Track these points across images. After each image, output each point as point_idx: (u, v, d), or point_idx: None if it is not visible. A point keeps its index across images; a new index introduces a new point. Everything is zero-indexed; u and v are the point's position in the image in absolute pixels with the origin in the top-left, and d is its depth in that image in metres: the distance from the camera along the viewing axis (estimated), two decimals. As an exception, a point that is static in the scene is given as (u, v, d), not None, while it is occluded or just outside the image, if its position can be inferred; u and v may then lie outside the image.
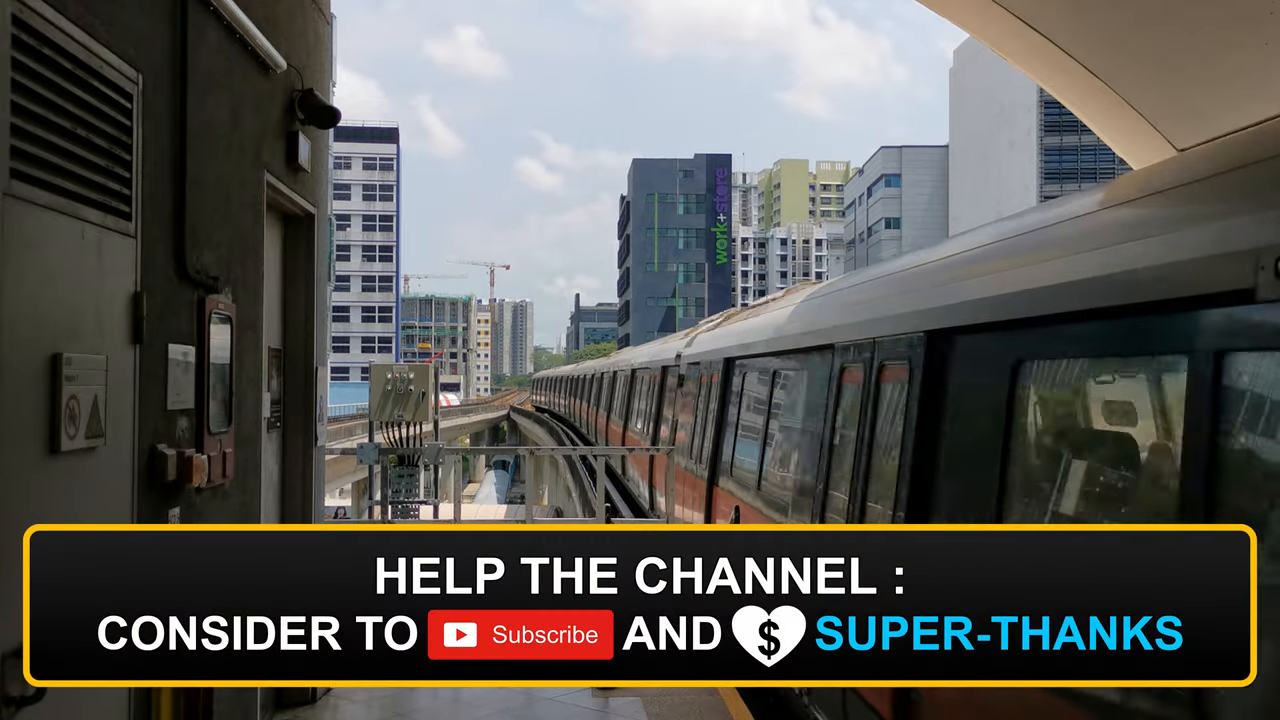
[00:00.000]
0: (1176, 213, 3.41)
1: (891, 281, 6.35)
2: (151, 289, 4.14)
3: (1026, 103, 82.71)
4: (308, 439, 6.86)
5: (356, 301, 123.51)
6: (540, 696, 6.92)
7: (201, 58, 4.71)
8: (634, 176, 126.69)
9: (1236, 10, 7.30)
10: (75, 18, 3.49)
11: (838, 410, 6.36)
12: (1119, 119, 9.39)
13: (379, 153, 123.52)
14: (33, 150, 3.22)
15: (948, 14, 10.19)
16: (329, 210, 7.80)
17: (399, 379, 10.96)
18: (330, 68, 7.51)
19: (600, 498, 11.49)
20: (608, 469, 14.75)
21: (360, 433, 31.41)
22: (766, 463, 8.38)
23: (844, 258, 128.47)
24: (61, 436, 3.36)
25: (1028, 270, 4.14)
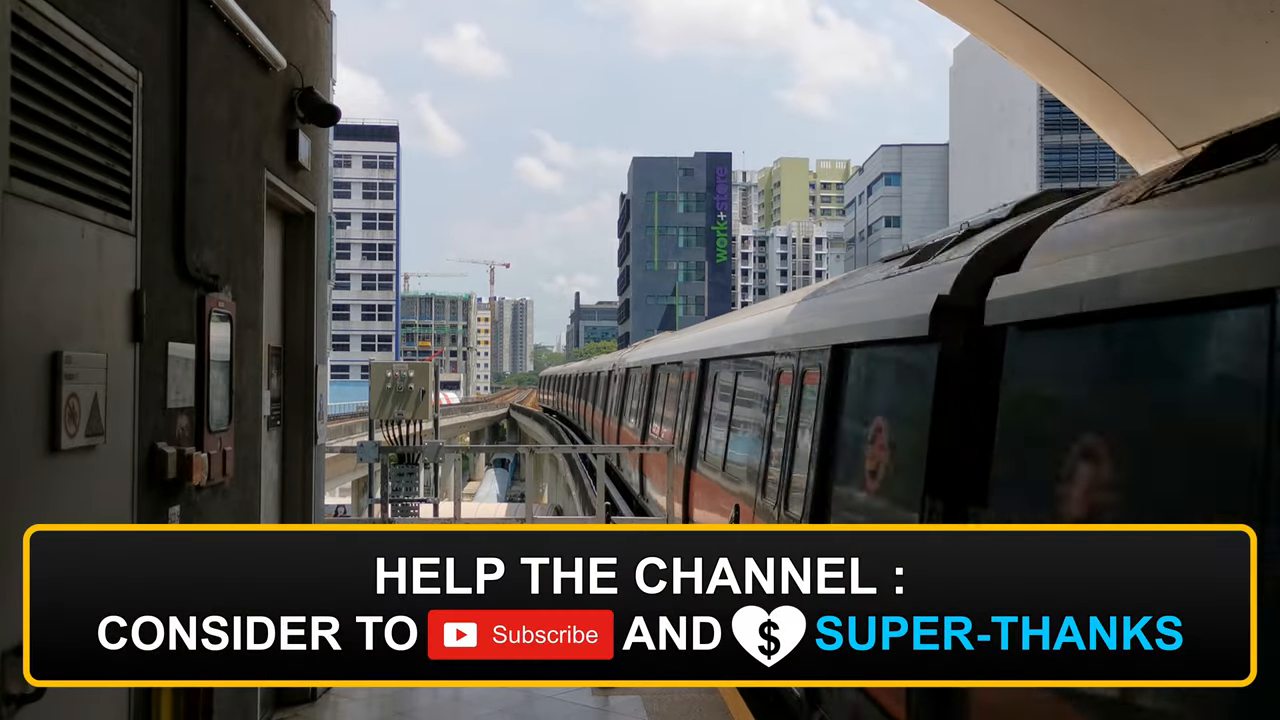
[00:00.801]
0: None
1: (814, 306, 8.11)
2: (151, 287, 4.13)
3: (1027, 101, 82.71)
4: (308, 437, 6.86)
5: (356, 300, 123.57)
6: (540, 695, 6.93)
7: (201, 56, 4.70)
8: (634, 175, 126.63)
9: (1236, 8, 7.29)
10: (75, 16, 3.49)
11: (776, 404, 7.88)
12: (1118, 117, 9.39)
13: (379, 151, 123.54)
14: (33, 148, 3.22)
15: (948, 12, 10.19)
16: (329, 208, 7.80)
17: (399, 377, 10.95)
18: (330, 66, 7.50)
19: (600, 496, 11.49)
20: (607, 467, 14.78)
21: (360, 431, 31.42)
22: (729, 448, 9.87)
23: (844, 256, 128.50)
24: (61, 435, 3.36)
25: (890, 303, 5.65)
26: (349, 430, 35.94)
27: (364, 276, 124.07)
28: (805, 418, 6.85)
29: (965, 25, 10.78)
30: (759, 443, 8.29)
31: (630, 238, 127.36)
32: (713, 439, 10.97)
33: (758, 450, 8.31)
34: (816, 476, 6.32)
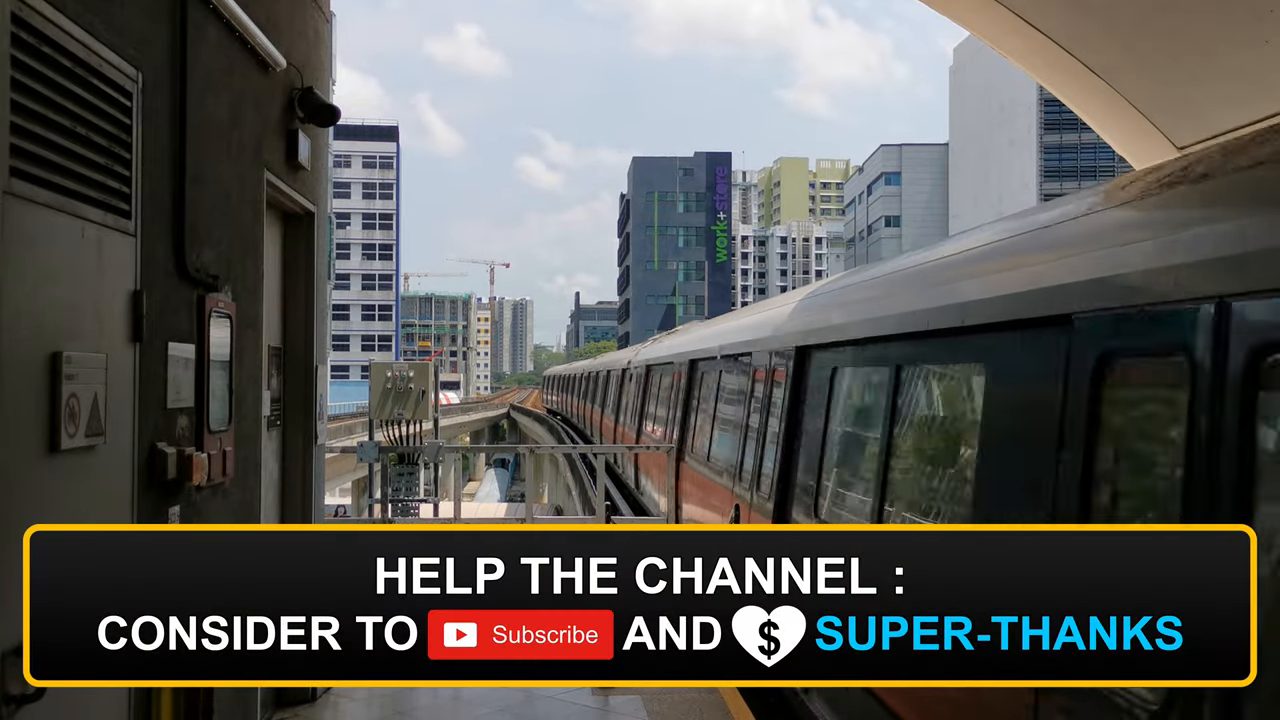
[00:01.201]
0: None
1: (781, 314, 8.92)
2: (151, 287, 4.13)
3: (1026, 101, 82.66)
4: (308, 437, 6.85)
5: (356, 300, 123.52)
6: (540, 694, 6.92)
7: (201, 56, 4.70)
8: (634, 174, 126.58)
9: (1236, 8, 7.29)
10: (75, 16, 3.48)
11: (752, 398, 8.85)
12: (1119, 117, 9.39)
13: (379, 151, 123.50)
14: (32, 149, 3.21)
15: (948, 12, 10.18)
16: (329, 208, 7.80)
17: (399, 377, 10.94)
18: (330, 66, 7.50)
19: (600, 495, 11.50)
20: (606, 467, 14.75)
21: (360, 431, 31.41)
22: (714, 438, 10.70)
23: (844, 256, 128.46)
24: (61, 435, 3.36)
25: (846, 309, 6.92)
26: (349, 430, 35.92)
27: (364, 276, 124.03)
28: (776, 406, 8.20)
29: (965, 25, 10.78)
30: (740, 426, 9.44)
31: (630, 237, 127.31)
32: (700, 432, 11.52)
33: (738, 435, 9.42)
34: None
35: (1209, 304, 2.79)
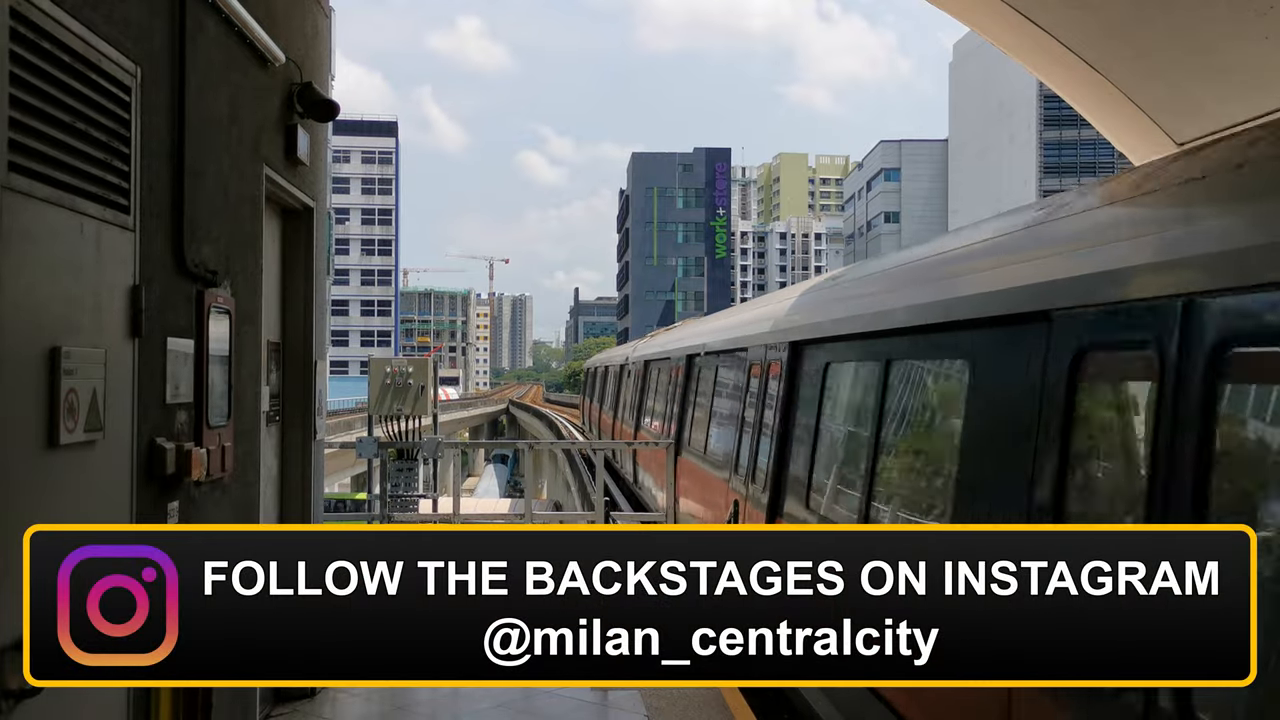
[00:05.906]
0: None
1: (778, 309, 9.10)
2: (150, 282, 4.13)
3: (1026, 97, 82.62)
4: (307, 433, 6.85)
5: (355, 295, 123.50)
6: (539, 690, 6.92)
7: (200, 51, 4.69)
8: (633, 170, 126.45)
9: (1236, 4, 7.28)
10: (73, 11, 3.47)
11: (748, 393, 9.01)
12: (1119, 113, 9.38)
13: (378, 146, 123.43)
14: (31, 143, 3.21)
15: (948, 8, 10.17)
16: (328, 204, 7.79)
17: (398, 373, 10.92)
18: (329, 61, 7.49)
19: (599, 492, 11.49)
20: (605, 462, 14.76)
21: (359, 426, 31.41)
22: (710, 432, 10.89)
23: (843, 252, 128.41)
24: (60, 430, 3.35)
25: (836, 305, 7.06)
26: (348, 426, 35.96)
27: (363, 272, 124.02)
28: (772, 399, 8.39)
29: (966, 21, 10.77)
30: (736, 418, 9.66)
31: (629, 233, 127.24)
32: (695, 425, 11.70)
33: (735, 427, 9.63)
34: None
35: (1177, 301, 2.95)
